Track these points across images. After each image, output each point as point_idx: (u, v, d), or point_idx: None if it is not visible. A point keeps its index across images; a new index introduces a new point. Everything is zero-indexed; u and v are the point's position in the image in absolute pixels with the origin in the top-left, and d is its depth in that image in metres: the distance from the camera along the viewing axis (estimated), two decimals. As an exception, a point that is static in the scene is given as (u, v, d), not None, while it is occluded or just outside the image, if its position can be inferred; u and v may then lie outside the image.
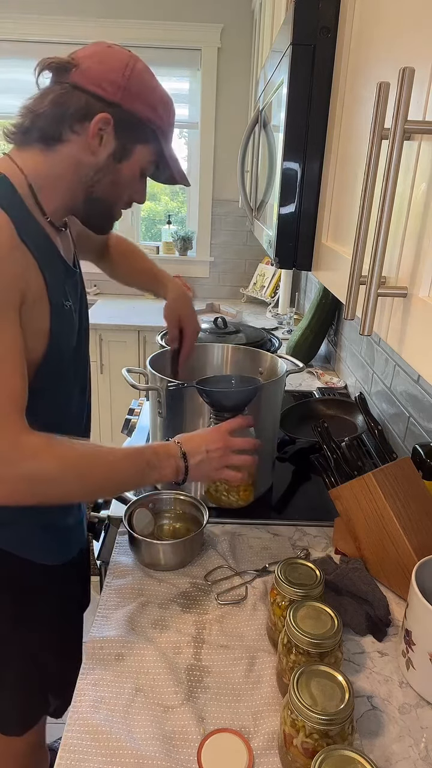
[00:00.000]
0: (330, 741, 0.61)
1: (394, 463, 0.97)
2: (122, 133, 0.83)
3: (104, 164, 0.84)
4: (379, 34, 0.61)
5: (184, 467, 0.90)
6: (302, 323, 2.19)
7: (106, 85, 0.80)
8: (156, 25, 2.91)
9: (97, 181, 0.85)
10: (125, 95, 0.80)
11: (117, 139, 0.83)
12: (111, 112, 0.80)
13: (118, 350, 2.82)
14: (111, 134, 0.82)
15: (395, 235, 0.51)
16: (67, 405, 0.97)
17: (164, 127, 0.86)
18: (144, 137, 0.85)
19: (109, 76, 0.79)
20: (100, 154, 0.83)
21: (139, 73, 0.82)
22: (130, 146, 0.84)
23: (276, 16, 1.74)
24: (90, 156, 0.83)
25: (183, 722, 0.72)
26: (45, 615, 1.00)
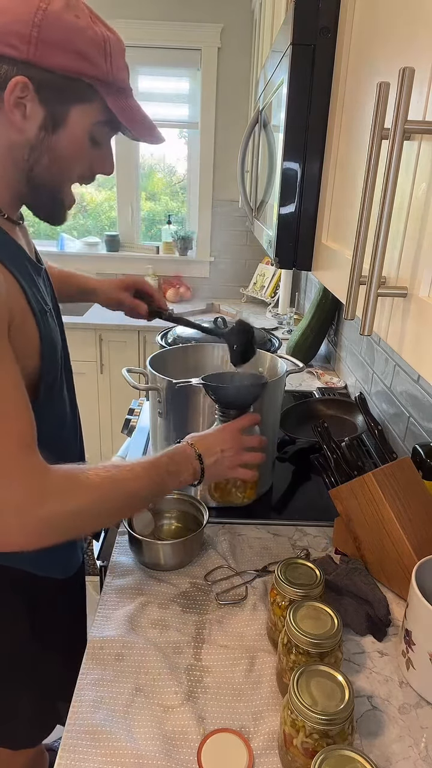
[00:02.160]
0: (330, 741, 0.61)
1: (394, 463, 0.97)
2: (48, 96, 0.67)
3: (37, 139, 0.70)
4: (379, 34, 0.61)
5: (201, 468, 0.88)
6: (302, 323, 2.19)
7: (14, 41, 0.63)
8: (156, 25, 2.91)
9: (36, 161, 0.71)
10: (39, 48, 0.64)
11: (43, 105, 0.68)
12: (27, 73, 0.65)
13: (118, 350, 2.82)
14: (34, 101, 0.67)
15: (395, 235, 0.51)
16: (62, 418, 0.92)
17: (103, 77, 0.69)
18: (78, 95, 0.69)
19: (14, 27, 0.63)
20: (28, 129, 0.68)
21: (56, 15, 0.64)
22: (63, 110, 0.69)
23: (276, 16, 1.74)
24: (17, 133, 0.68)
25: (183, 722, 0.72)
26: (57, 629, 0.98)
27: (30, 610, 0.92)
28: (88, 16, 0.68)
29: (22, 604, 0.91)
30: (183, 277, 3.39)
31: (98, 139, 0.75)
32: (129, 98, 0.74)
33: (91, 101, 0.70)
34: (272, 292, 3.13)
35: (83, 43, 0.66)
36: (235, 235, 3.33)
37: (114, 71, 0.70)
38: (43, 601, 0.94)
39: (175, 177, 3.48)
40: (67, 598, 1.03)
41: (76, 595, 1.08)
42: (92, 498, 0.74)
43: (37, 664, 0.95)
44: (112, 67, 0.69)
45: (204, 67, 3.01)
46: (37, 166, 0.72)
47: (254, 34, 2.76)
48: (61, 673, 0.98)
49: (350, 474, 1.10)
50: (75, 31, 0.66)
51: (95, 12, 0.71)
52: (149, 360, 1.21)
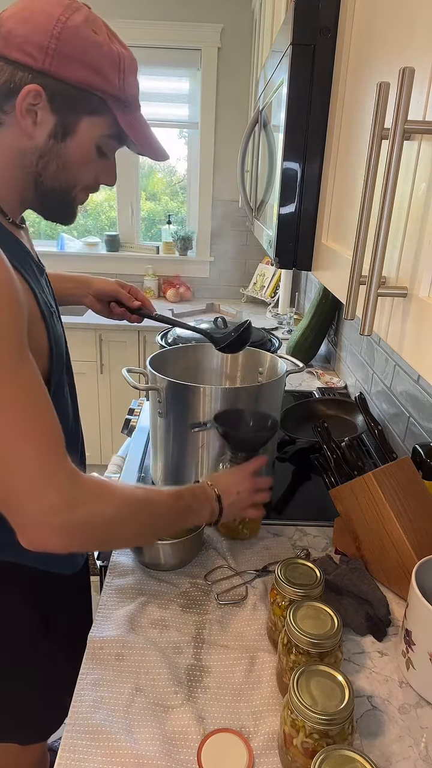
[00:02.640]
0: (330, 741, 0.61)
1: (394, 463, 0.97)
2: (60, 106, 0.69)
3: (46, 147, 0.71)
4: (379, 34, 0.61)
5: (219, 509, 0.91)
6: (302, 323, 2.19)
7: (32, 50, 0.65)
8: (156, 25, 2.91)
9: (43, 168, 0.73)
10: (56, 59, 0.66)
11: (54, 114, 0.69)
12: (41, 82, 0.66)
13: (118, 350, 2.82)
14: (46, 109, 0.68)
15: (395, 235, 0.51)
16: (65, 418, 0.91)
17: (116, 92, 0.71)
18: (89, 107, 0.71)
19: (34, 38, 0.65)
20: (37, 136, 0.70)
21: (75, 29, 0.66)
22: (73, 120, 0.71)
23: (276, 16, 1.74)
24: (27, 140, 0.70)
25: (183, 722, 0.72)
26: (66, 623, 0.99)
27: (40, 606, 0.93)
28: (105, 33, 0.70)
29: (33, 599, 0.92)
30: (183, 277, 3.39)
31: (105, 151, 0.77)
32: (137, 114, 0.76)
33: (101, 114, 0.72)
34: (272, 292, 3.13)
35: (99, 58, 0.68)
36: (235, 235, 3.33)
37: (126, 88, 0.72)
38: (53, 597, 0.95)
39: (175, 177, 3.48)
40: (75, 592, 1.04)
41: (82, 589, 1.09)
42: (123, 510, 0.75)
43: (46, 658, 0.96)
44: (124, 83, 0.71)
45: (204, 67, 3.01)
46: (45, 172, 0.74)
47: (254, 34, 2.76)
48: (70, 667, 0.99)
49: (350, 474, 1.10)
50: (92, 45, 0.68)
51: (111, 28, 0.73)
52: (149, 360, 1.21)
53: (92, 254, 3.34)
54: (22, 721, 0.98)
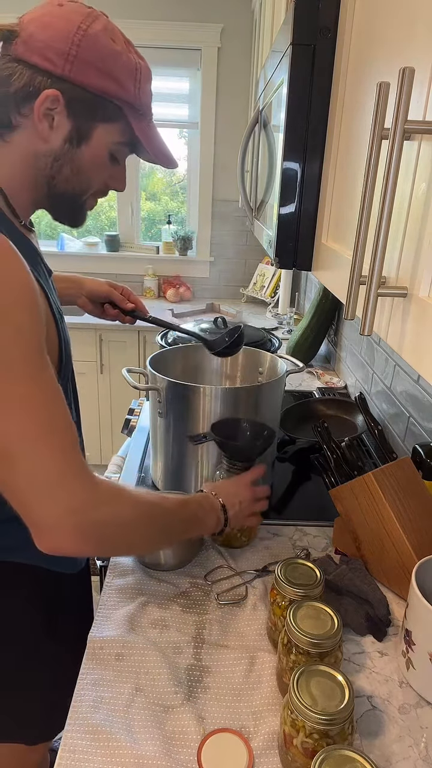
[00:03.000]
0: (330, 741, 0.61)
1: (394, 463, 0.97)
2: (76, 111, 0.70)
3: (61, 151, 0.72)
4: (379, 34, 0.61)
5: (224, 519, 0.92)
6: (302, 323, 2.19)
7: (52, 55, 0.66)
8: (156, 25, 2.92)
9: (57, 171, 0.74)
10: (76, 66, 0.67)
11: (71, 119, 0.70)
12: (60, 87, 0.68)
13: (118, 350, 2.82)
14: (63, 114, 0.70)
15: (395, 235, 0.51)
16: None
17: (131, 100, 0.72)
18: (105, 115, 0.72)
19: (55, 43, 0.66)
20: (53, 140, 0.71)
21: (95, 37, 0.68)
22: (89, 126, 0.72)
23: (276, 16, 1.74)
24: (42, 143, 0.71)
25: (183, 722, 0.72)
26: (69, 623, 0.99)
27: (44, 606, 0.93)
28: (123, 42, 0.72)
29: (37, 600, 0.92)
30: (183, 277, 3.39)
31: (117, 157, 0.78)
32: (150, 122, 0.77)
33: (116, 121, 0.74)
34: (272, 292, 3.13)
35: (117, 67, 0.70)
36: (235, 235, 3.34)
37: (141, 96, 0.73)
38: (57, 596, 0.95)
39: (175, 177, 3.48)
40: (77, 592, 1.04)
41: (84, 589, 1.09)
42: (137, 513, 0.75)
43: (51, 659, 0.96)
44: (140, 92, 0.73)
45: (204, 67, 3.01)
46: (59, 175, 0.75)
47: (254, 34, 2.76)
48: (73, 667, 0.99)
49: (350, 474, 1.10)
50: (111, 54, 0.69)
51: (128, 39, 0.74)
52: (149, 360, 1.21)
53: (92, 254, 3.34)
54: (26, 721, 0.98)
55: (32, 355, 0.64)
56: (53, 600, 0.95)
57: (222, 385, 1.40)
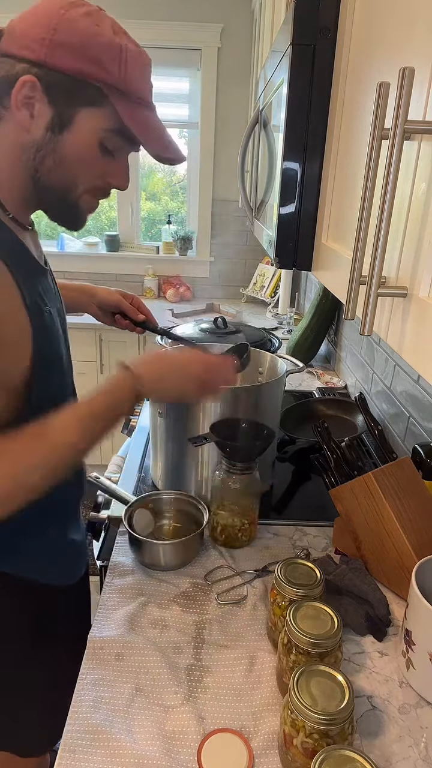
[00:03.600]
0: (330, 741, 0.61)
1: (394, 463, 0.97)
2: (56, 97, 0.67)
3: (43, 140, 0.69)
4: (378, 34, 0.61)
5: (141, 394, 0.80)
6: (302, 323, 2.19)
7: (30, 42, 0.65)
8: (156, 25, 2.91)
9: (40, 162, 0.70)
10: (51, 50, 0.65)
11: (52, 105, 0.67)
12: (36, 73, 0.65)
13: (118, 350, 2.82)
14: (43, 101, 0.67)
15: (395, 235, 0.51)
16: None
17: (115, 82, 0.68)
18: (87, 99, 0.68)
19: (33, 31, 0.65)
20: (34, 129, 0.68)
21: (72, 20, 0.65)
22: (70, 112, 0.68)
23: (276, 16, 1.74)
24: (25, 133, 0.68)
25: (183, 722, 0.72)
26: (62, 634, 0.97)
27: (35, 619, 0.92)
28: (110, 27, 0.68)
29: (28, 613, 0.90)
30: (183, 277, 3.39)
31: (110, 149, 0.74)
32: (147, 111, 0.73)
33: (100, 106, 0.70)
34: (272, 292, 3.13)
35: (96, 48, 0.66)
36: (235, 235, 3.33)
37: (128, 79, 0.69)
38: (49, 610, 0.93)
39: (175, 177, 3.48)
40: (73, 605, 1.02)
41: (81, 601, 1.07)
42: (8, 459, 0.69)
43: (42, 671, 0.94)
44: (126, 74, 0.68)
45: (204, 67, 3.01)
46: (42, 167, 0.71)
47: (254, 34, 2.76)
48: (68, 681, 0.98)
49: (350, 474, 1.10)
50: (89, 35, 0.66)
51: (122, 27, 0.71)
52: (149, 360, 1.20)
53: (92, 254, 3.34)
54: (18, 733, 0.97)
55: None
56: (45, 612, 0.93)
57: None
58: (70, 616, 1.01)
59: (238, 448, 1.04)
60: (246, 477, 1.03)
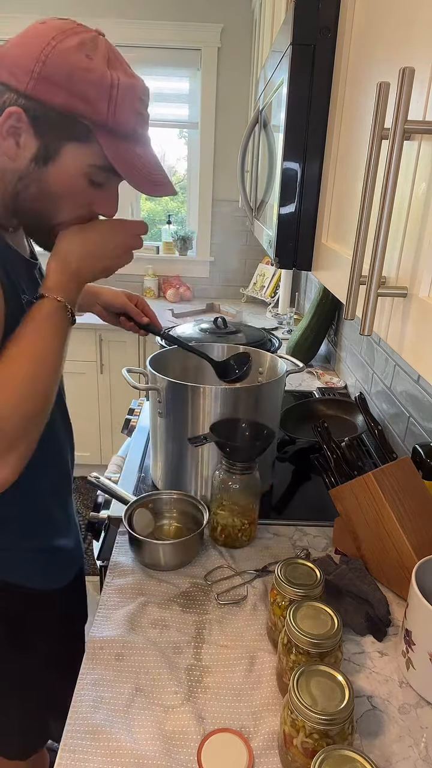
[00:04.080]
0: (330, 741, 0.61)
1: (394, 463, 0.97)
2: (42, 130, 0.67)
3: (26, 170, 0.69)
4: (379, 34, 0.61)
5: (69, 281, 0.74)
6: (302, 323, 2.19)
7: (18, 72, 0.64)
8: (156, 25, 2.92)
9: (23, 189, 0.71)
10: (39, 82, 0.64)
11: (38, 137, 0.67)
12: (23, 105, 0.65)
13: (118, 350, 2.82)
14: (29, 132, 0.67)
15: (395, 235, 0.51)
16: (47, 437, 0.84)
17: (102, 119, 0.67)
18: (73, 134, 0.68)
19: (22, 60, 0.64)
20: (20, 158, 0.68)
21: (63, 53, 0.64)
22: (56, 146, 0.68)
23: (276, 16, 1.74)
24: (8, 161, 0.69)
25: (183, 722, 0.72)
26: (44, 640, 0.97)
27: (11, 619, 0.92)
28: (104, 58, 0.67)
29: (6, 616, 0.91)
30: (183, 277, 3.39)
31: (98, 182, 0.73)
32: (133, 143, 0.71)
33: (87, 142, 0.69)
34: (272, 292, 3.13)
35: (84, 84, 0.65)
36: (235, 235, 3.34)
37: (117, 117, 0.68)
38: (26, 612, 0.93)
39: (175, 177, 3.48)
40: (57, 611, 1.01)
41: (70, 606, 1.07)
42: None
43: (23, 672, 0.95)
44: (114, 112, 0.67)
45: (204, 67, 3.01)
46: (24, 193, 0.71)
47: (254, 34, 2.76)
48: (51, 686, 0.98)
49: (350, 474, 1.10)
50: (78, 71, 0.65)
51: (120, 56, 0.70)
52: (149, 360, 1.21)
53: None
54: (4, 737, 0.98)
55: None
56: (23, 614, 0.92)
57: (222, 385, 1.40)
58: (55, 619, 1.00)
59: (238, 448, 1.04)
60: (246, 477, 1.03)
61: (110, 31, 0.78)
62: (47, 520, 0.94)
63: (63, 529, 0.98)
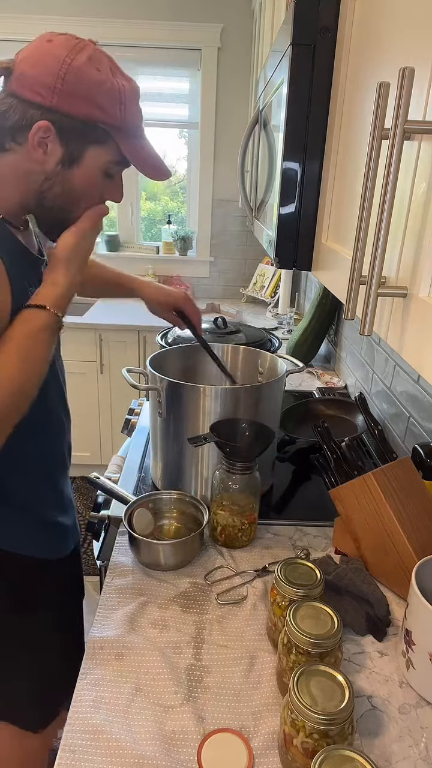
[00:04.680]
0: (330, 741, 0.61)
1: (394, 463, 0.97)
2: (67, 138, 0.77)
3: (53, 172, 0.79)
4: (378, 34, 0.61)
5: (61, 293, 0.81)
6: (302, 323, 2.19)
7: (41, 90, 0.74)
8: (156, 25, 2.92)
9: (48, 189, 0.80)
10: (62, 98, 0.74)
11: (63, 145, 0.77)
12: (50, 118, 0.75)
13: (118, 350, 2.82)
14: (55, 141, 0.77)
15: (395, 235, 0.51)
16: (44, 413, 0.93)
17: (117, 123, 0.78)
18: (95, 138, 0.79)
19: (43, 79, 0.74)
20: (47, 163, 0.78)
21: (78, 70, 0.74)
22: (80, 150, 0.79)
23: (276, 16, 1.74)
24: (36, 165, 0.78)
25: (183, 722, 0.72)
26: (45, 607, 1.02)
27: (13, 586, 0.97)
28: (108, 68, 0.77)
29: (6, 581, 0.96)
30: (183, 277, 3.39)
31: (111, 174, 0.84)
32: (139, 138, 0.82)
33: (105, 143, 0.79)
34: (272, 292, 3.13)
35: (100, 95, 0.75)
36: (235, 235, 3.34)
37: (127, 118, 0.79)
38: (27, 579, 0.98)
39: (175, 177, 3.48)
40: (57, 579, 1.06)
41: (69, 577, 1.12)
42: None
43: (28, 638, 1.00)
44: (125, 115, 0.78)
45: (204, 67, 3.01)
46: (49, 192, 0.81)
47: (254, 34, 2.76)
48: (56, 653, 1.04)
49: (350, 474, 1.10)
50: (94, 84, 0.75)
51: (115, 62, 0.79)
52: (149, 360, 1.21)
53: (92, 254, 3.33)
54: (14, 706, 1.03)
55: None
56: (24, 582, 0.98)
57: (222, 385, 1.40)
58: (55, 588, 1.05)
59: (238, 448, 1.04)
60: (246, 477, 1.03)
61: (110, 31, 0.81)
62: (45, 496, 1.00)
63: (59, 506, 1.03)
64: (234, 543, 1.06)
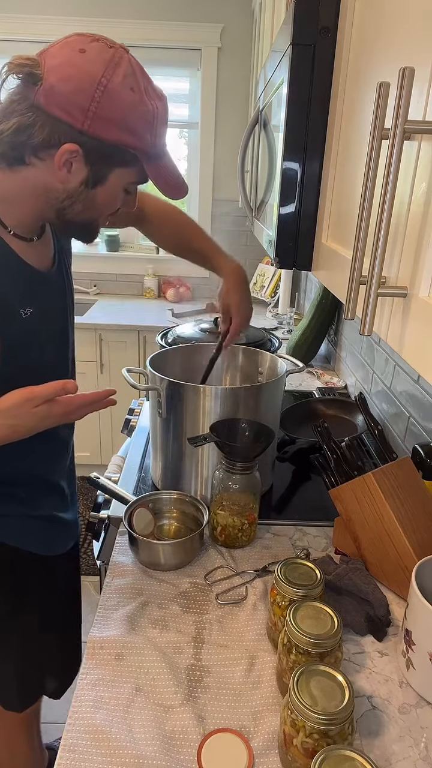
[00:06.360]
0: (330, 741, 0.61)
1: (394, 463, 0.97)
2: (94, 159, 0.75)
3: (75, 191, 0.78)
4: (379, 34, 0.61)
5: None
6: (302, 323, 2.19)
7: (73, 110, 0.70)
8: (156, 25, 2.91)
9: (69, 206, 0.79)
10: (95, 122, 0.71)
11: (88, 165, 0.75)
12: (79, 140, 0.72)
13: (118, 350, 2.82)
14: (81, 162, 0.75)
15: (395, 235, 0.51)
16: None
17: (147, 149, 0.77)
18: (121, 161, 0.77)
19: (76, 99, 0.70)
20: (70, 183, 0.76)
21: (114, 92, 0.71)
22: (105, 172, 0.77)
23: (276, 16, 1.74)
24: (58, 184, 0.77)
25: (183, 722, 0.72)
26: (43, 600, 1.04)
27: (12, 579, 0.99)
28: (142, 87, 0.74)
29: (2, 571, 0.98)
30: (183, 277, 3.39)
31: (131, 191, 0.85)
32: (165, 159, 0.82)
33: (131, 166, 0.79)
34: (272, 292, 3.13)
35: (134, 120, 0.74)
36: (235, 235, 3.33)
37: (155, 142, 0.78)
38: (26, 572, 1.00)
39: (175, 177, 3.48)
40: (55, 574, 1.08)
41: (67, 573, 1.14)
42: None
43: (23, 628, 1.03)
44: (156, 139, 0.78)
45: (204, 67, 3.01)
46: (70, 209, 0.80)
47: (254, 34, 2.76)
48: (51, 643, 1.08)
49: (350, 474, 1.10)
50: (128, 107, 0.72)
51: (146, 74, 0.77)
52: (149, 360, 1.21)
53: (92, 254, 3.34)
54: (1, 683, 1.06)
55: None
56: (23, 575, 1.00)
57: (222, 385, 1.40)
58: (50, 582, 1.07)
59: (238, 448, 1.04)
60: (246, 477, 1.03)
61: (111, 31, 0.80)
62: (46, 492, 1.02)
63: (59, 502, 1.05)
64: (234, 543, 1.06)
